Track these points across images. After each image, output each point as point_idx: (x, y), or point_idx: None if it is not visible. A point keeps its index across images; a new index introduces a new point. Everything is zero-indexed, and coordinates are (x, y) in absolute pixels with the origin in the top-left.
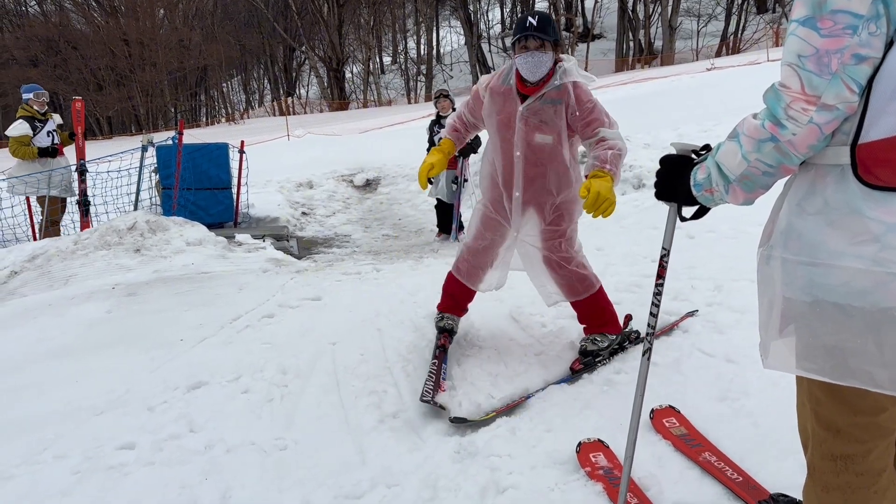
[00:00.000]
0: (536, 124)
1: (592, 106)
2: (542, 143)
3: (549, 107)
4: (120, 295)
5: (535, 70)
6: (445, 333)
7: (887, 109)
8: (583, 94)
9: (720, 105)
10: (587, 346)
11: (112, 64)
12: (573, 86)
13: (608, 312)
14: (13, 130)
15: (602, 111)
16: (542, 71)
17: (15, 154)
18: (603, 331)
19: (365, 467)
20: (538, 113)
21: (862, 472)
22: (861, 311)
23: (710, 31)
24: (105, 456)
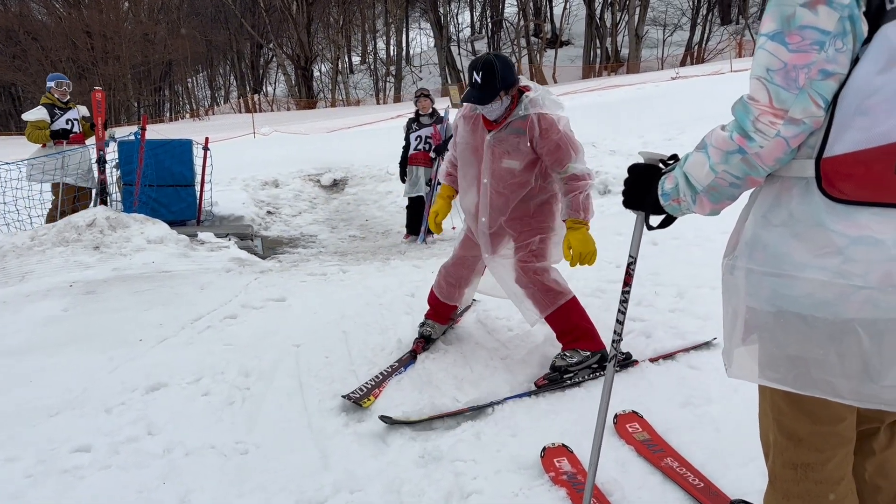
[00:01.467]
0: (502, 153)
1: (558, 138)
2: (509, 168)
3: (513, 136)
4: (78, 293)
5: (491, 114)
6: (422, 340)
7: (851, 125)
8: (548, 127)
9: (685, 114)
10: (556, 362)
11: (74, 56)
12: (538, 118)
13: (581, 328)
14: (30, 115)
15: (568, 143)
16: (497, 113)
17: (29, 138)
18: (575, 346)
19: (328, 472)
20: (503, 142)
21: (821, 481)
22: (824, 322)
23: (676, 41)
24: (59, 458)
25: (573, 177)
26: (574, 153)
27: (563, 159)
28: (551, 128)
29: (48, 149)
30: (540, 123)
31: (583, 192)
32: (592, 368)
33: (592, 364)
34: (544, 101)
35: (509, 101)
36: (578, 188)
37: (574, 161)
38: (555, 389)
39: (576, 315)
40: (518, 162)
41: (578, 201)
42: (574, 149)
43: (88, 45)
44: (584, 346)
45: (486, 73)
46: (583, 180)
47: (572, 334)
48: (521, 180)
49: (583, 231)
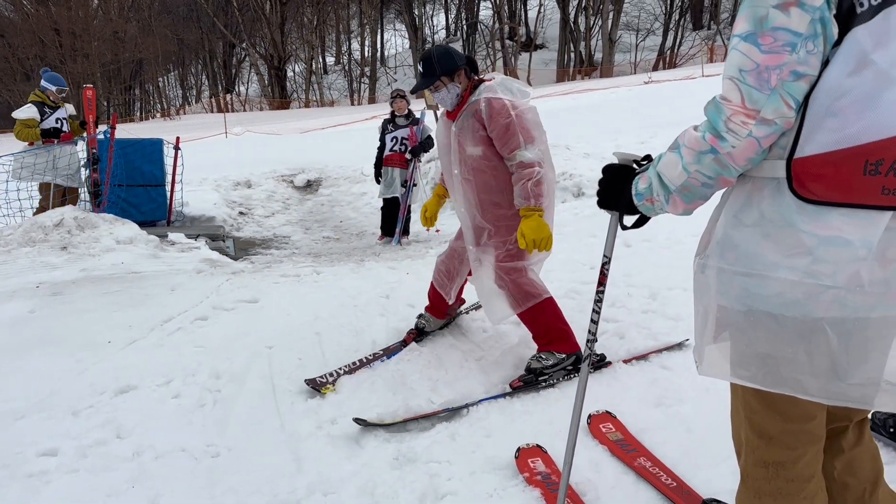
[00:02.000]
0: (464, 140)
1: (508, 123)
2: (473, 155)
3: (469, 121)
4: (44, 294)
5: (445, 102)
6: (414, 331)
7: (822, 126)
8: (498, 110)
9: (657, 117)
10: (531, 364)
11: (41, 53)
12: (486, 101)
13: (556, 330)
14: (21, 113)
15: (517, 129)
16: (451, 101)
17: (18, 136)
18: (550, 348)
19: (301, 474)
20: (463, 130)
21: (792, 479)
22: (793, 321)
23: (648, 46)
24: (25, 463)
25: (521, 164)
26: (524, 140)
27: (511, 144)
28: (501, 111)
29: (36, 147)
30: (489, 106)
31: (531, 180)
32: (567, 370)
33: (567, 366)
34: (500, 87)
35: (459, 89)
36: (526, 175)
37: (522, 148)
38: (529, 390)
39: (551, 316)
40: (479, 148)
41: (528, 189)
42: (526, 136)
43: (57, 43)
44: (560, 348)
45: (424, 61)
46: (530, 167)
47: (547, 336)
48: (483, 165)
49: (534, 218)
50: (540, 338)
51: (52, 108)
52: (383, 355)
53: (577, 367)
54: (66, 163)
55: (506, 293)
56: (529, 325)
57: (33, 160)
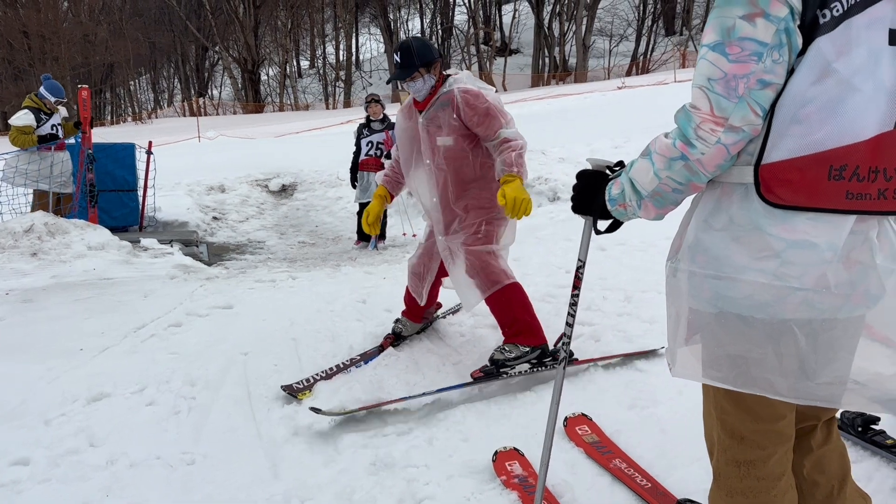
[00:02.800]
0: (435, 130)
1: (487, 107)
2: (444, 146)
3: (441, 111)
4: (15, 301)
5: (419, 92)
6: (391, 336)
7: (788, 133)
8: (472, 97)
9: (631, 122)
10: (494, 355)
11: (9, 57)
12: (461, 91)
13: (522, 321)
14: (17, 120)
15: (497, 111)
16: (424, 91)
17: (14, 142)
18: (515, 341)
19: (278, 481)
20: (434, 119)
21: (763, 477)
22: (762, 322)
23: (622, 51)
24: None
25: (504, 140)
26: (504, 120)
27: (493, 125)
28: (478, 98)
29: (28, 153)
30: (464, 96)
31: (515, 151)
32: (532, 363)
33: (531, 359)
34: (468, 80)
35: (433, 81)
36: (510, 147)
37: (504, 127)
38: (506, 393)
39: (518, 305)
40: (450, 137)
41: (511, 157)
42: (504, 116)
43: (25, 46)
44: (525, 340)
45: (403, 52)
46: (514, 141)
47: (514, 327)
48: (455, 154)
49: (517, 181)
50: (506, 327)
51: (48, 115)
52: (360, 360)
53: (543, 361)
54: (60, 170)
55: (474, 280)
56: (496, 312)
57: (26, 167)
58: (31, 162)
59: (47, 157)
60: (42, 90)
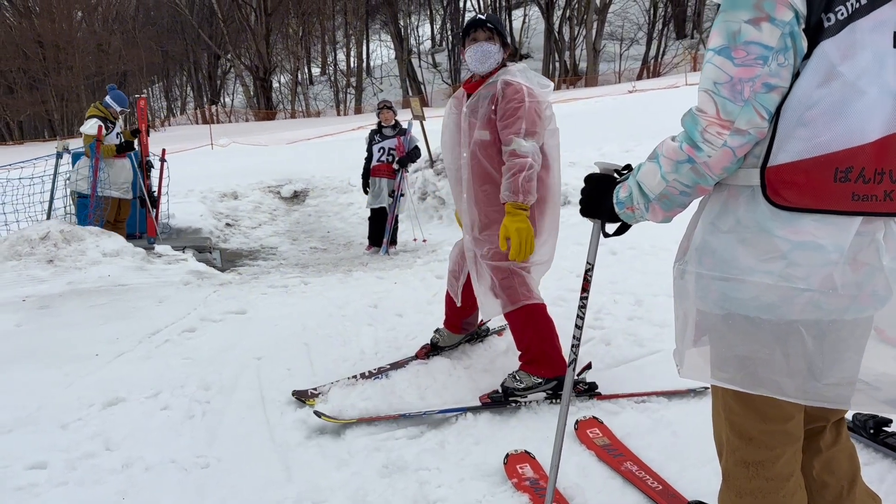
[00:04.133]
0: (474, 122)
1: (517, 107)
2: (480, 140)
3: (482, 101)
4: (31, 308)
5: (483, 60)
6: (427, 346)
7: (793, 135)
8: (510, 91)
9: (642, 126)
10: (506, 381)
11: (25, 66)
12: (504, 83)
13: (540, 349)
14: (89, 129)
15: (524, 117)
16: (489, 62)
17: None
18: (529, 370)
19: (291, 484)
20: (475, 110)
21: (771, 478)
22: (769, 323)
23: (632, 55)
24: (14, 476)
25: (513, 153)
26: (525, 129)
27: (512, 128)
28: (516, 94)
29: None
30: (504, 88)
31: (523, 172)
32: (547, 394)
33: (546, 390)
34: (520, 73)
35: (498, 59)
36: (518, 167)
37: (521, 136)
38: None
39: (533, 329)
40: (487, 132)
41: (518, 182)
42: (529, 126)
43: (40, 55)
44: (538, 371)
45: (491, 19)
46: (523, 158)
47: (529, 353)
48: (490, 151)
49: (522, 218)
50: (523, 353)
51: (113, 123)
52: (390, 369)
53: (558, 393)
54: (124, 178)
55: (493, 291)
56: (513, 332)
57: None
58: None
59: (113, 164)
60: (108, 99)
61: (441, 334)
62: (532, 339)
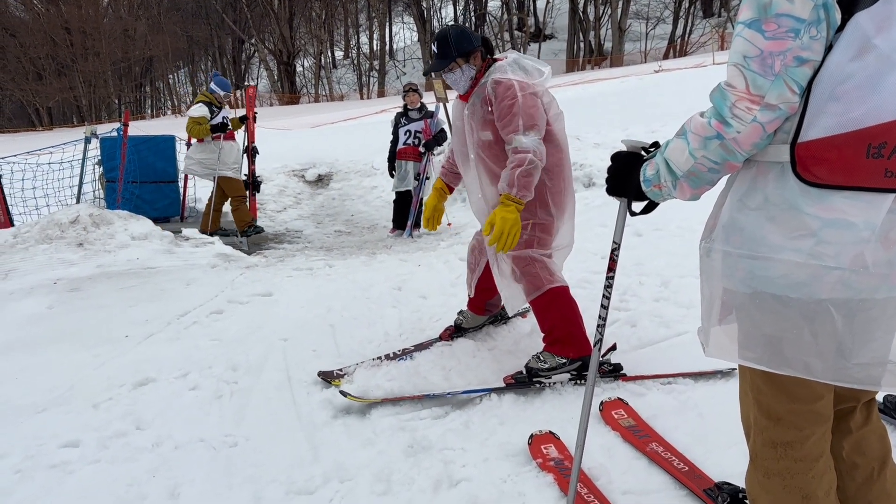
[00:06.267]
0: (475, 123)
1: (511, 104)
2: (485, 141)
3: (478, 106)
4: (62, 290)
5: (457, 85)
6: (451, 328)
7: (825, 110)
8: (501, 90)
9: (667, 106)
10: (530, 362)
11: (53, 53)
12: (493, 83)
13: (565, 330)
14: (194, 111)
15: (519, 112)
16: (463, 83)
17: (191, 133)
18: (553, 350)
19: (317, 463)
20: (474, 114)
21: (800, 458)
22: (798, 302)
23: (658, 34)
24: (48, 454)
25: (515, 149)
26: (523, 125)
27: (510, 127)
28: (507, 92)
29: (205, 144)
30: (495, 88)
31: (521, 167)
32: (571, 375)
33: (571, 370)
34: (511, 67)
35: (473, 71)
36: (517, 162)
37: (520, 133)
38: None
39: (557, 311)
40: (487, 132)
41: (514, 176)
42: (527, 120)
43: (68, 42)
44: (563, 351)
45: (440, 41)
46: (524, 153)
47: (553, 334)
48: (495, 149)
49: (512, 210)
50: (547, 334)
51: (218, 108)
52: (414, 350)
53: (583, 374)
54: (233, 158)
55: (516, 281)
56: (537, 316)
57: (202, 156)
58: (205, 151)
59: (220, 145)
60: (213, 86)
61: (465, 316)
62: (556, 321)
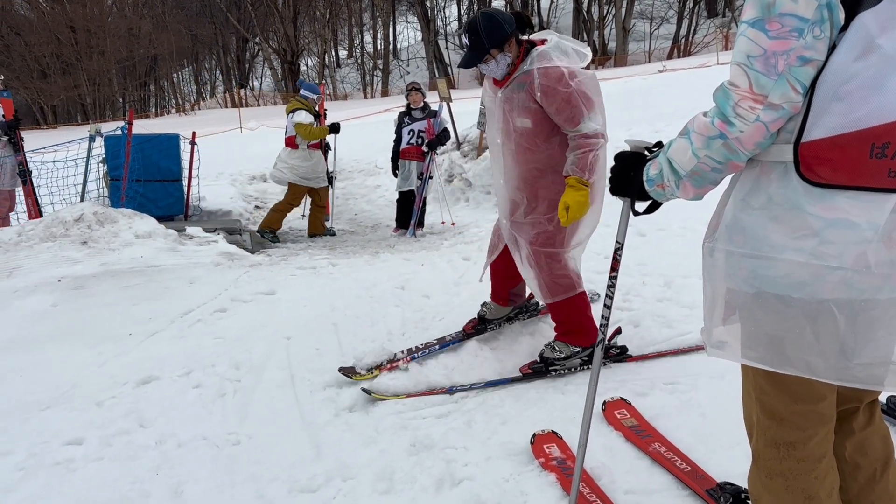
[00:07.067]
0: (511, 110)
1: (568, 95)
2: (522, 128)
3: (518, 93)
4: (66, 288)
5: (495, 74)
6: (474, 320)
7: (828, 110)
8: (554, 81)
9: (671, 106)
10: (545, 352)
11: (57, 51)
12: (541, 72)
13: (577, 321)
14: (301, 118)
15: (579, 99)
16: (501, 71)
17: (308, 136)
18: (567, 340)
19: (320, 461)
20: (510, 100)
21: (803, 459)
22: (800, 301)
23: (662, 34)
24: (51, 451)
25: (584, 135)
26: (586, 110)
27: (575, 117)
28: (559, 82)
29: (301, 151)
30: (543, 78)
31: (592, 151)
32: (583, 360)
33: (583, 357)
34: (554, 52)
35: (509, 59)
36: (588, 146)
37: (586, 118)
38: (544, 377)
39: (578, 308)
40: (528, 120)
41: (587, 160)
42: (587, 104)
43: (72, 40)
44: (576, 341)
45: (471, 33)
46: (595, 138)
47: (566, 325)
48: (531, 138)
49: (584, 193)
50: (559, 325)
51: (315, 115)
52: (436, 345)
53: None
54: (322, 167)
55: (538, 278)
56: (554, 312)
57: (298, 163)
58: (300, 158)
59: (315, 154)
60: (304, 91)
61: (488, 307)
62: (569, 312)
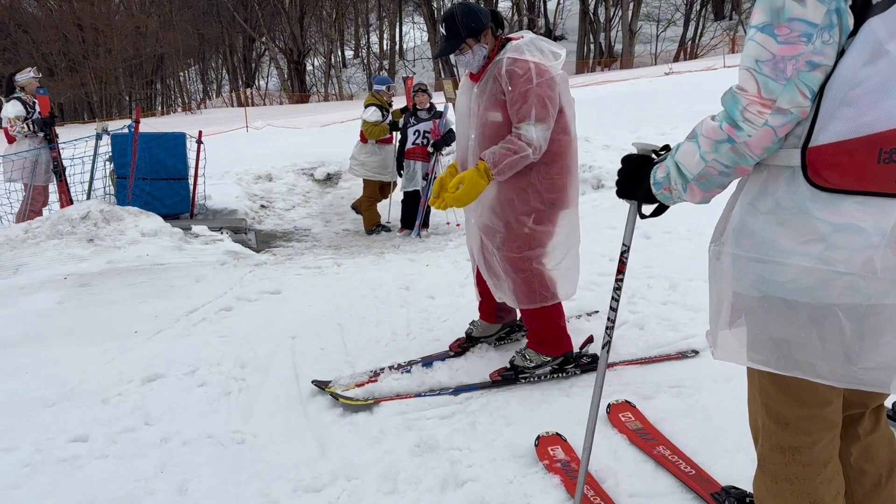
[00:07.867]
0: (484, 104)
1: (526, 90)
2: (493, 122)
3: (490, 84)
4: (72, 285)
5: (470, 66)
6: (461, 338)
7: (837, 115)
8: (520, 71)
9: (677, 109)
10: (515, 359)
11: (64, 49)
12: (510, 61)
13: (550, 331)
14: (370, 116)
15: (535, 100)
16: (476, 64)
17: (370, 135)
18: (538, 349)
19: (325, 460)
20: (484, 93)
21: (808, 463)
22: (806, 306)
23: (669, 36)
24: (57, 448)
25: (520, 136)
26: (535, 115)
27: (521, 113)
28: (525, 75)
29: (370, 146)
30: (512, 68)
31: (515, 156)
32: (553, 369)
33: (553, 366)
34: (527, 47)
35: (485, 50)
36: (515, 149)
37: (529, 122)
38: (549, 379)
39: (547, 314)
40: (498, 113)
41: (504, 160)
42: (540, 111)
43: (79, 38)
44: (547, 350)
45: (447, 22)
46: (527, 146)
47: (539, 335)
48: (501, 132)
49: (483, 184)
50: (532, 333)
51: (387, 110)
52: (420, 362)
53: (564, 368)
54: (391, 162)
55: (509, 283)
56: (526, 319)
57: (368, 158)
58: (371, 153)
59: (385, 149)
60: (376, 86)
61: (476, 325)
62: (543, 322)
